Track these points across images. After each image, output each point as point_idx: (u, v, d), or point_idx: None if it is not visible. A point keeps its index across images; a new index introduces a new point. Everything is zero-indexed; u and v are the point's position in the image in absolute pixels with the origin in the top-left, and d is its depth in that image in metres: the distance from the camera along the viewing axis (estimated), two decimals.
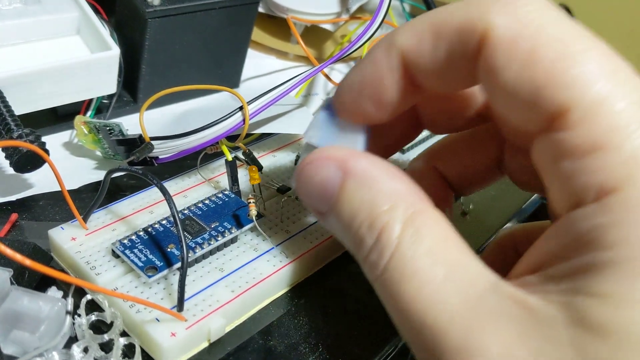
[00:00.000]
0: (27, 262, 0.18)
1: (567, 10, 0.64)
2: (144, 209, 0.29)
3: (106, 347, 0.23)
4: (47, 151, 0.27)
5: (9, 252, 0.18)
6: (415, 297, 0.19)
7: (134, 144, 0.30)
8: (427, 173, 0.27)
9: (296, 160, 0.34)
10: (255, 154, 0.33)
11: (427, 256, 0.19)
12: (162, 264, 0.25)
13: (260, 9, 0.44)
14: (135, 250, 0.25)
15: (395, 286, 0.19)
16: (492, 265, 0.19)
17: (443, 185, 0.27)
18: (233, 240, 0.27)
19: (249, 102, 0.30)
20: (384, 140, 0.27)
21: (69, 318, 0.23)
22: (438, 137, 0.29)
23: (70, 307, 0.24)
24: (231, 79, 0.42)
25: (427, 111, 0.26)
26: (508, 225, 0.35)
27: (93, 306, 0.24)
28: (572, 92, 0.17)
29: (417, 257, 0.19)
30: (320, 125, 0.24)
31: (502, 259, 0.26)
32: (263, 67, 0.46)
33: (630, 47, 0.96)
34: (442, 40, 0.20)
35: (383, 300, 0.20)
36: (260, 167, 0.32)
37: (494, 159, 0.26)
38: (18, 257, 0.18)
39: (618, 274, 0.16)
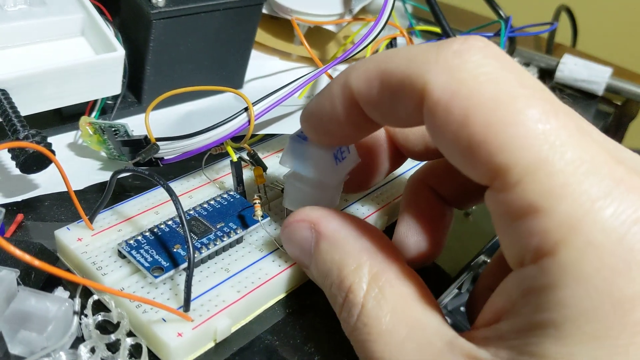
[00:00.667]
0: (36, 262, 0.18)
1: (569, 11, 0.64)
2: (150, 209, 0.29)
3: (113, 347, 0.23)
4: (53, 152, 0.28)
5: (18, 252, 0.18)
6: (381, 357, 0.20)
7: (139, 145, 0.30)
8: (423, 191, 0.27)
9: None
10: (260, 155, 0.33)
11: (390, 316, 0.21)
12: (168, 264, 0.25)
13: (264, 10, 0.44)
14: (142, 251, 0.25)
15: (364, 345, 0.21)
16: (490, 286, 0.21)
17: (439, 203, 0.27)
18: (238, 241, 0.28)
19: (254, 103, 0.30)
20: (368, 173, 0.28)
21: (76, 318, 0.23)
22: None
23: (77, 308, 0.24)
24: (235, 80, 0.42)
25: (401, 140, 0.27)
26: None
27: (100, 306, 0.24)
28: (507, 155, 0.18)
29: (381, 317, 0.21)
30: (292, 150, 0.26)
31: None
32: (266, 68, 0.46)
33: (633, 47, 0.96)
34: (387, 89, 0.20)
35: (357, 354, 0.22)
36: (264, 168, 0.32)
37: None
38: (27, 257, 0.18)
39: (554, 336, 0.17)
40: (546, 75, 0.53)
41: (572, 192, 0.17)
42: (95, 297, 0.24)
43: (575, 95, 0.51)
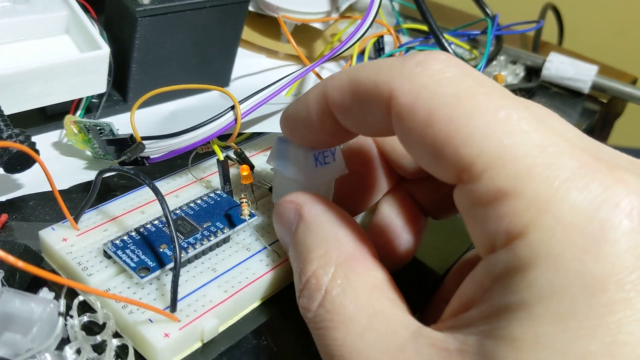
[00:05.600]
0: (20, 263, 0.18)
1: (555, 10, 0.64)
2: (135, 209, 0.29)
3: (99, 348, 0.23)
4: (37, 151, 0.27)
5: (1, 253, 0.17)
6: (342, 345, 0.20)
7: (125, 144, 0.30)
8: (400, 198, 0.28)
9: None
10: (247, 153, 0.33)
11: (353, 304, 0.21)
12: (154, 264, 0.25)
13: (250, 8, 0.44)
14: (127, 251, 0.25)
15: (325, 332, 0.21)
16: (453, 292, 0.20)
17: (415, 211, 0.27)
18: (225, 240, 0.27)
19: (241, 102, 0.29)
20: (363, 191, 0.28)
21: (61, 319, 0.23)
22: None
23: (62, 309, 0.23)
24: (221, 78, 0.42)
25: (392, 158, 0.28)
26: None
27: (85, 307, 0.24)
28: (470, 148, 0.18)
29: (344, 305, 0.21)
30: (276, 150, 0.27)
31: None
32: (253, 66, 0.46)
33: (619, 45, 0.97)
34: (357, 98, 0.22)
35: (316, 344, 0.22)
36: (251, 167, 0.31)
37: None
38: (11, 259, 0.18)
39: (523, 317, 0.17)
40: (532, 73, 0.53)
41: (540, 173, 0.17)
42: (81, 297, 0.24)
43: (562, 93, 0.51)
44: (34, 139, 0.28)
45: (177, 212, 0.28)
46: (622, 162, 0.20)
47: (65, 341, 0.23)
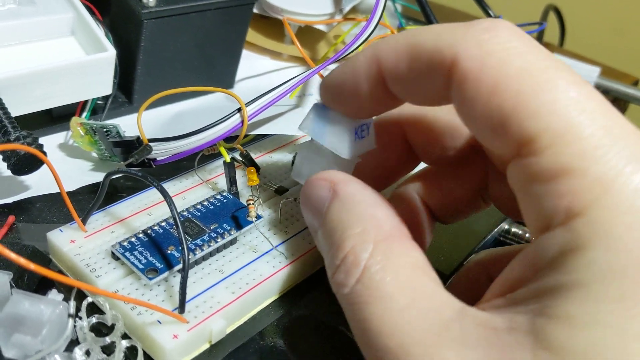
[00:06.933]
0: (32, 266, 0.18)
1: (557, 11, 0.64)
2: (143, 210, 0.29)
3: (108, 349, 0.23)
4: (45, 153, 0.27)
5: (12, 255, 0.18)
6: (380, 320, 0.19)
7: (131, 146, 0.30)
8: (410, 200, 0.27)
9: (293, 161, 0.34)
10: (252, 155, 0.33)
11: (394, 281, 0.20)
12: (162, 266, 0.25)
13: (255, 10, 0.44)
14: (135, 253, 0.25)
15: (362, 307, 0.20)
16: (462, 294, 0.20)
17: (424, 213, 0.27)
18: (232, 242, 0.27)
19: (247, 104, 0.30)
20: (380, 172, 0.28)
21: (70, 321, 0.23)
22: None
23: (72, 310, 0.24)
24: (226, 80, 0.42)
25: (418, 141, 0.27)
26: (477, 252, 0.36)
27: (94, 309, 0.24)
28: (537, 121, 0.18)
29: (385, 282, 0.20)
30: (313, 117, 0.26)
31: (474, 286, 0.25)
32: (257, 68, 0.46)
33: (620, 46, 0.97)
34: (416, 62, 0.21)
35: (348, 320, 0.21)
36: (257, 168, 0.32)
37: (477, 189, 0.26)
38: (22, 261, 0.18)
39: (580, 296, 0.16)
40: None
41: (604, 154, 0.17)
42: (90, 299, 0.24)
43: None
44: (40, 140, 0.29)
45: (184, 214, 0.28)
46: None
47: (74, 342, 0.23)
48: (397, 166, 0.28)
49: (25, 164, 0.28)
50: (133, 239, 0.26)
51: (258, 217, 0.28)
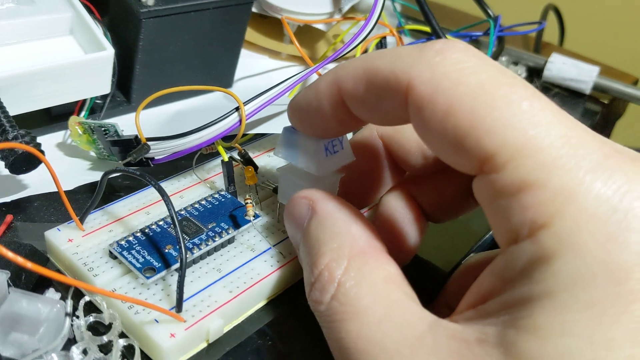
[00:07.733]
0: (29, 265, 0.18)
1: (556, 10, 0.64)
2: (140, 209, 0.29)
3: (105, 348, 0.23)
4: (42, 152, 0.27)
5: (10, 254, 0.18)
6: (356, 338, 0.20)
7: (130, 145, 0.30)
8: (402, 200, 0.27)
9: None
10: (250, 154, 0.33)
11: (368, 296, 0.20)
12: (160, 265, 0.25)
13: (254, 9, 0.44)
14: (133, 252, 0.25)
15: (338, 325, 0.20)
16: (455, 300, 0.21)
17: (416, 213, 0.27)
18: (230, 241, 0.27)
19: (245, 103, 0.30)
20: (367, 185, 0.28)
21: (67, 320, 0.23)
22: None
23: (69, 309, 0.24)
24: (224, 79, 0.42)
25: (399, 153, 0.27)
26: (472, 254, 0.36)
27: (91, 308, 0.24)
28: (493, 137, 0.18)
29: (359, 297, 0.20)
30: (283, 141, 0.27)
31: (465, 292, 0.26)
32: (256, 67, 0.46)
33: (620, 45, 0.97)
34: (373, 86, 0.21)
35: (326, 338, 0.21)
36: (255, 168, 0.32)
37: (467, 189, 0.26)
38: (20, 259, 0.18)
39: (548, 306, 0.17)
40: (534, 74, 0.53)
41: (564, 164, 0.17)
42: (87, 298, 0.24)
43: (563, 94, 0.51)
44: (38, 139, 0.29)
45: (182, 212, 0.28)
46: None
47: (71, 341, 0.23)
48: (384, 178, 0.29)
49: (23, 162, 0.28)
50: (131, 238, 0.26)
51: (256, 216, 0.28)
